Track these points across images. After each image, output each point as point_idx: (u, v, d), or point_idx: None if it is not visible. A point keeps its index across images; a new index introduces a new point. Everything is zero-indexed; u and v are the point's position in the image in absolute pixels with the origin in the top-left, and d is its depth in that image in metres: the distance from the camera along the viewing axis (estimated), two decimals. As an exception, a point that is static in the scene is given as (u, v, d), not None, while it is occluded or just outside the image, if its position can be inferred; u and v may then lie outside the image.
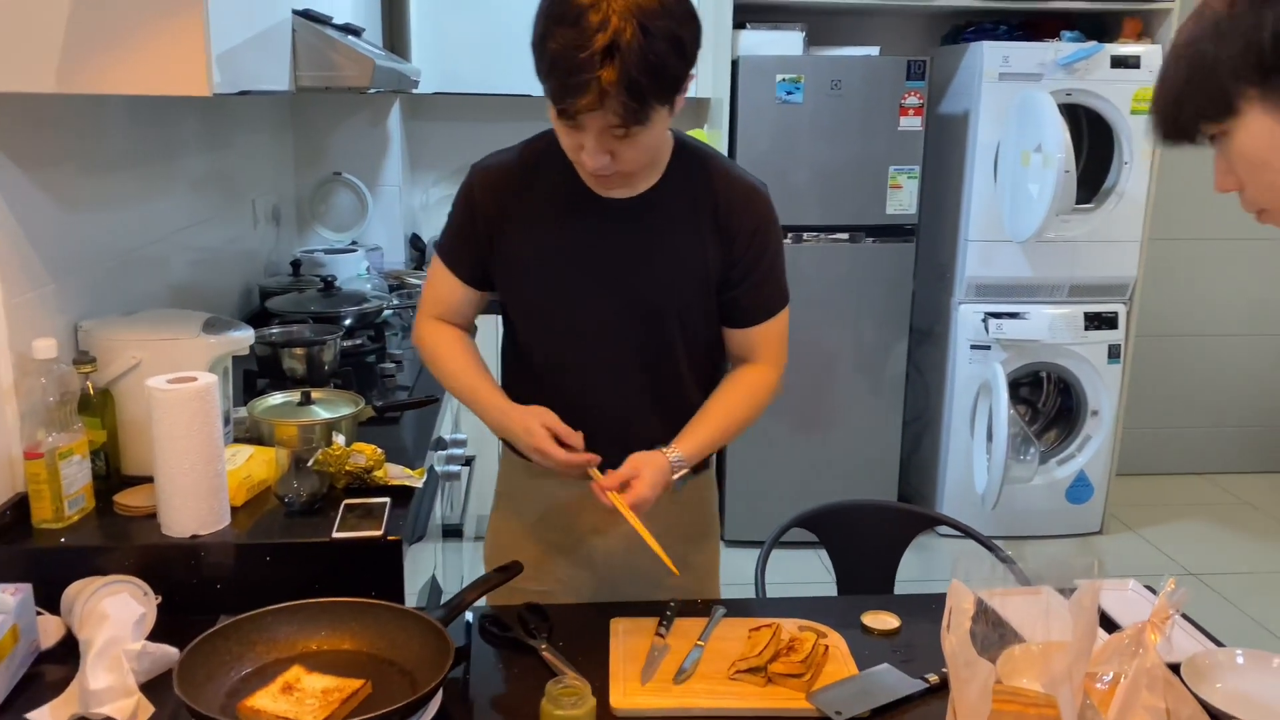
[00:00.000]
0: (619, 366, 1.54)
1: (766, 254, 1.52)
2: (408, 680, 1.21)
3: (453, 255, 1.57)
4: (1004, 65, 3.55)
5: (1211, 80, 0.88)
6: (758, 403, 1.59)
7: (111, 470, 1.69)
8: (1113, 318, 3.78)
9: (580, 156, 1.36)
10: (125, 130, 2.06)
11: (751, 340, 1.58)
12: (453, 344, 1.60)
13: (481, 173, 1.54)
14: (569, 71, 1.24)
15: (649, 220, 1.48)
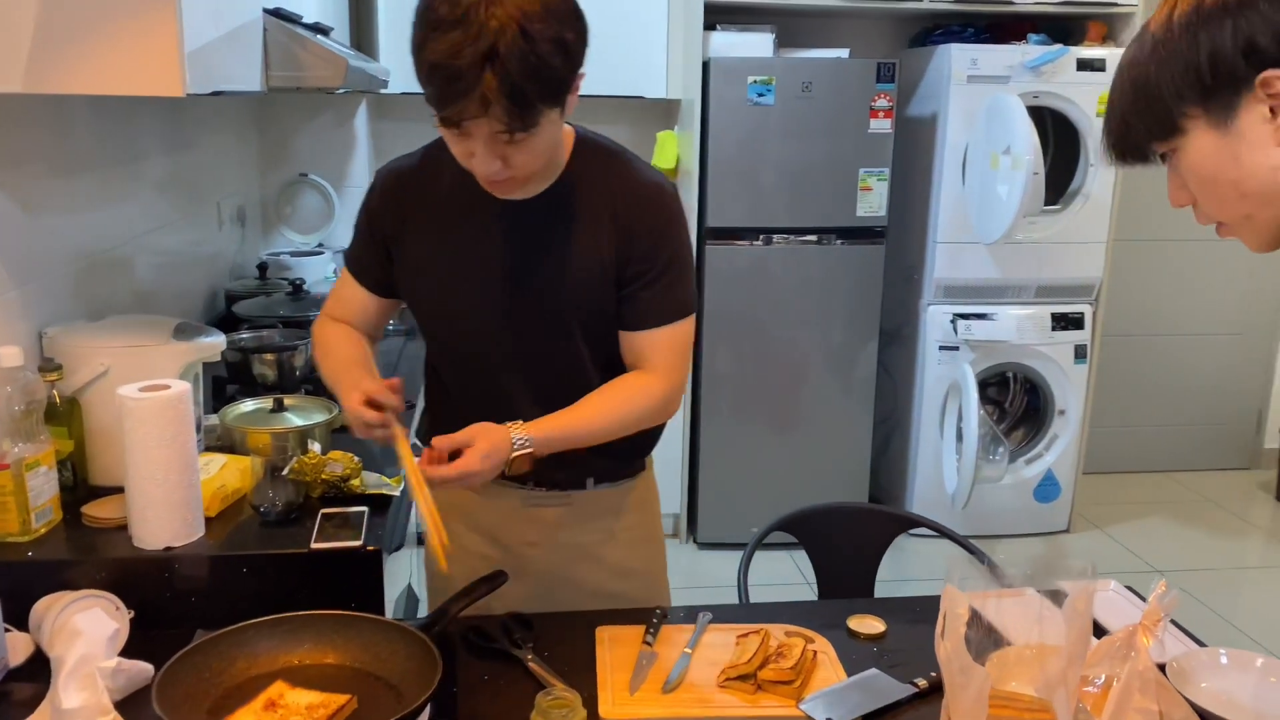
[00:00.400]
0: (524, 369, 1.50)
1: (665, 255, 1.45)
2: (394, 695, 1.18)
3: (356, 262, 1.56)
4: (972, 68, 3.57)
5: (1156, 102, 0.91)
6: (635, 409, 1.48)
7: (79, 481, 1.65)
8: (1079, 318, 3.82)
9: (471, 163, 1.33)
10: (89, 131, 2.01)
11: (642, 345, 1.48)
12: (339, 336, 1.56)
13: (383, 177, 1.52)
14: (448, 79, 1.20)
15: (547, 220, 1.45)
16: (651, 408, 1.50)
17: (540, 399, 1.50)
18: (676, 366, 1.50)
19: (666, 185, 1.48)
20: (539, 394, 1.50)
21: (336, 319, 1.59)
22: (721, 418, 3.79)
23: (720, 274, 3.67)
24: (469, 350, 1.52)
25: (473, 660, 1.38)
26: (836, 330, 3.76)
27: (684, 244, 1.49)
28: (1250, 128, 0.87)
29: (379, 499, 1.64)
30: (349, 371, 1.48)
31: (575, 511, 1.60)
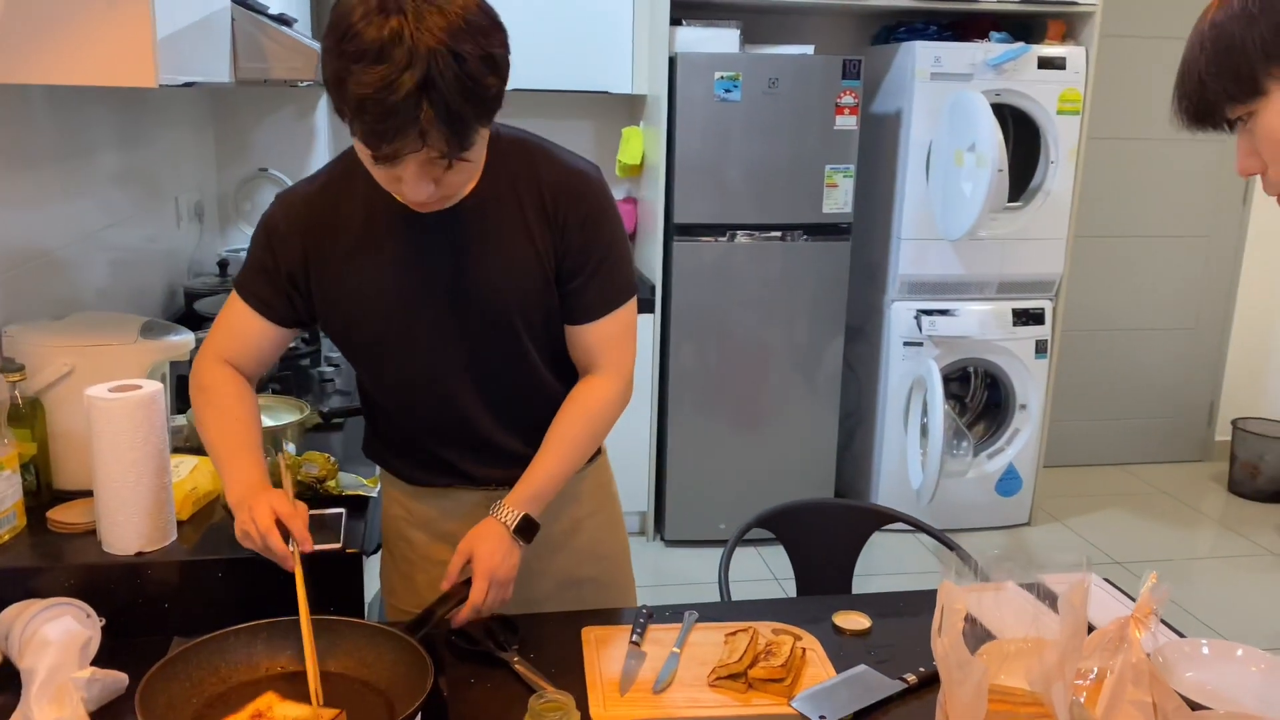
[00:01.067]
0: (474, 381, 1.45)
1: (599, 243, 1.41)
2: (383, 701, 1.16)
3: (253, 292, 1.42)
4: (935, 65, 3.60)
5: (1240, 63, 0.90)
6: (600, 423, 1.48)
7: (42, 485, 1.59)
8: (1040, 313, 3.87)
9: (398, 189, 1.25)
10: (45, 124, 1.95)
11: (591, 341, 1.46)
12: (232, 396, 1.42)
13: (285, 205, 1.41)
14: (381, 116, 1.11)
15: (474, 225, 1.37)
16: (614, 412, 1.49)
17: (492, 405, 1.48)
18: (625, 356, 1.49)
19: (591, 171, 1.43)
20: (490, 401, 1.47)
21: (224, 360, 1.44)
22: (688, 415, 3.78)
23: (686, 270, 3.66)
24: (413, 371, 1.44)
25: (457, 663, 1.36)
26: (802, 327, 3.77)
27: (617, 227, 1.45)
28: None
29: (355, 500, 1.61)
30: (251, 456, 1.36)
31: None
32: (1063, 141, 3.74)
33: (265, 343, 1.45)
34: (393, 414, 1.51)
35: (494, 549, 1.37)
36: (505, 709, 1.25)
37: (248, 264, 1.43)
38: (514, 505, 1.40)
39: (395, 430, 1.52)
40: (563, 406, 1.47)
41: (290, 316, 1.43)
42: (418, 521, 1.56)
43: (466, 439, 1.49)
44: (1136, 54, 4.34)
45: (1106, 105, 4.27)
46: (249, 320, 1.43)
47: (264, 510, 1.28)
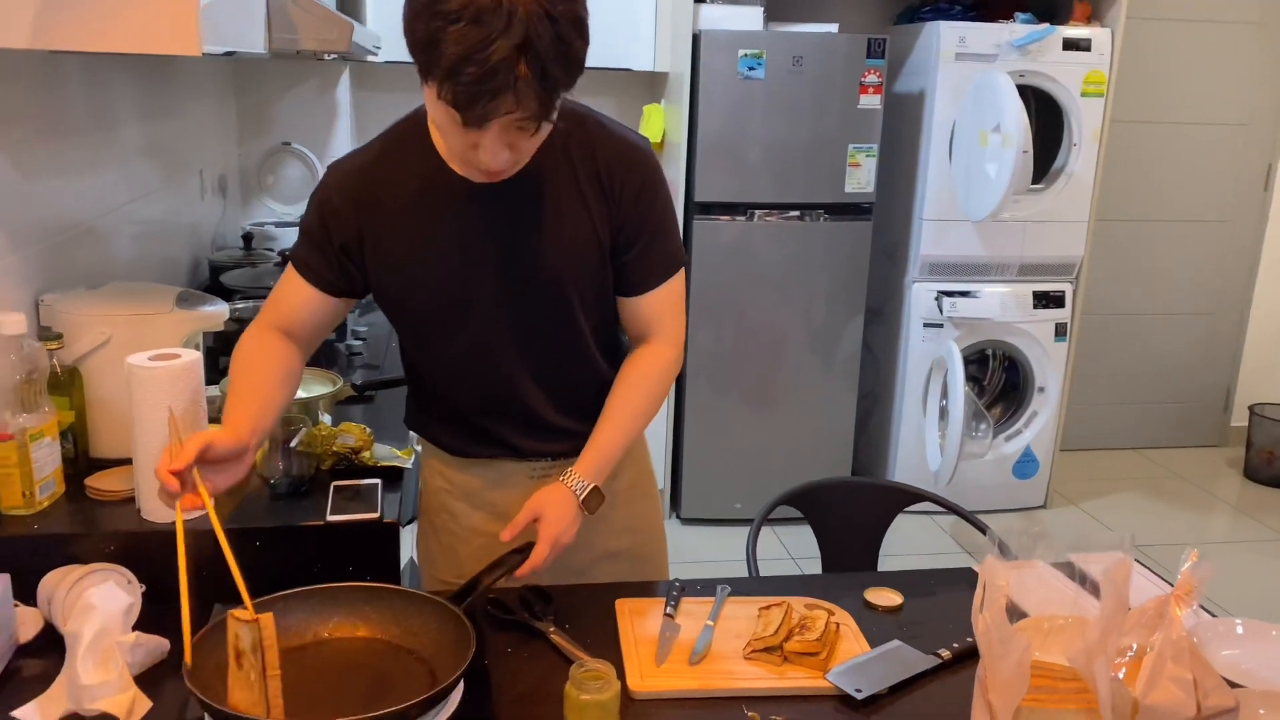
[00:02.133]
0: (523, 354, 1.45)
1: (654, 213, 1.42)
2: (426, 669, 1.16)
3: (306, 263, 1.42)
4: (960, 45, 3.57)
5: None
6: (659, 391, 1.50)
7: (79, 453, 1.60)
8: (1060, 296, 3.85)
9: (475, 156, 1.23)
10: (77, 94, 1.95)
11: (645, 310, 1.47)
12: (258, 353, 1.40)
13: (340, 175, 1.40)
14: (480, 77, 1.09)
15: (530, 198, 1.37)
16: (670, 379, 1.51)
17: (541, 379, 1.48)
18: (679, 323, 1.52)
19: (642, 142, 1.43)
20: (539, 374, 1.48)
21: (274, 327, 1.44)
22: (705, 394, 3.79)
23: (705, 249, 3.65)
24: (464, 343, 1.44)
25: (494, 633, 1.37)
26: (821, 307, 3.77)
27: (667, 198, 1.46)
28: None
29: (390, 471, 1.61)
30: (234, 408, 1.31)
31: None
32: (1086, 124, 3.71)
33: (318, 312, 1.45)
34: (440, 385, 1.51)
35: (562, 514, 1.38)
36: (544, 678, 1.26)
37: (301, 235, 1.44)
38: (584, 475, 1.42)
39: (441, 401, 1.53)
40: (620, 375, 1.49)
41: (343, 287, 1.43)
42: (460, 493, 1.57)
43: (514, 412, 1.49)
44: (1162, 37, 4.30)
45: (1130, 88, 4.24)
46: (302, 290, 1.43)
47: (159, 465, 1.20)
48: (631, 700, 1.25)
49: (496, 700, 1.21)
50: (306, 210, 1.43)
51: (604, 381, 1.50)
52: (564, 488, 1.41)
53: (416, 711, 1.04)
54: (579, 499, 1.40)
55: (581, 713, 1.14)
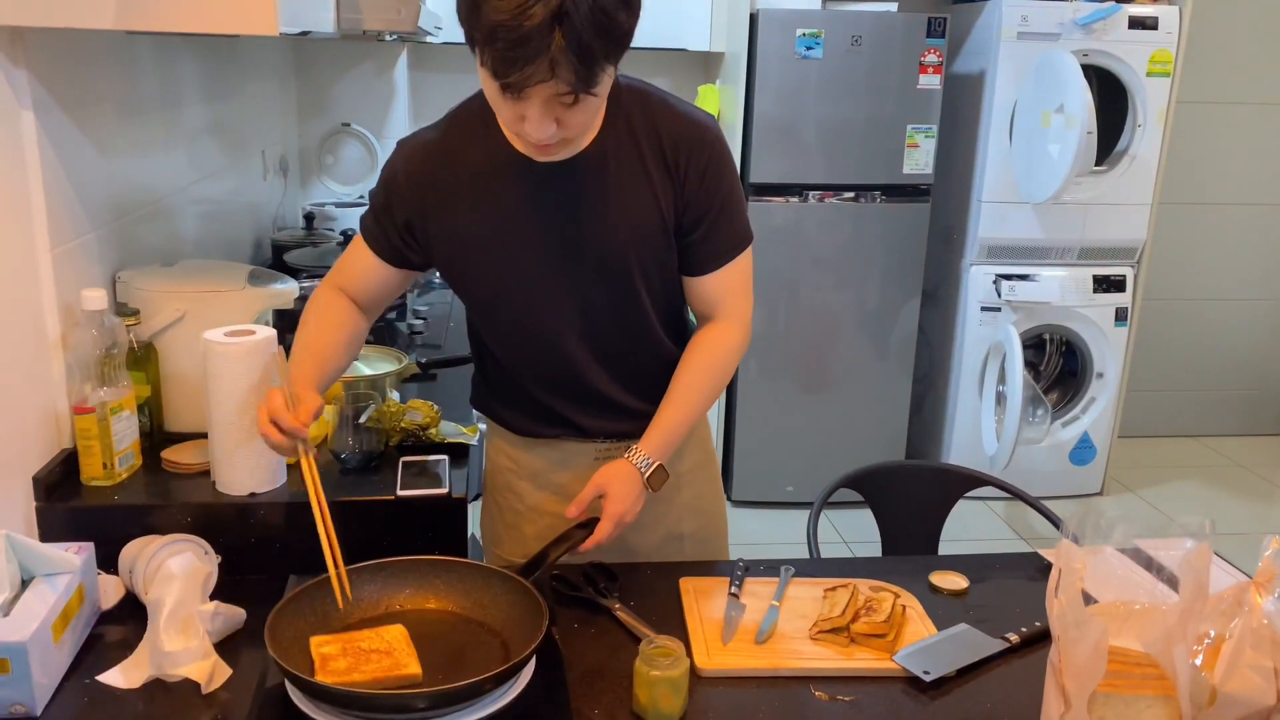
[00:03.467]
0: (587, 334, 1.46)
1: (720, 192, 1.42)
2: (499, 642, 1.18)
3: (372, 233, 1.46)
4: (1022, 24, 3.51)
5: None
6: (724, 371, 1.51)
7: (154, 427, 1.64)
8: (1121, 281, 3.78)
9: (522, 128, 1.24)
10: (150, 74, 1.98)
11: (711, 290, 1.48)
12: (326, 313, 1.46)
13: (407, 152, 1.42)
14: (515, 43, 1.11)
15: (594, 177, 1.37)
16: (735, 359, 1.51)
17: (605, 358, 1.48)
18: (746, 303, 1.52)
19: (709, 121, 1.42)
20: (603, 354, 1.48)
21: (341, 288, 1.49)
22: (757, 376, 3.78)
23: (761, 230, 3.60)
24: (528, 322, 1.46)
25: (560, 608, 1.38)
26: (876, 289, 3.73)
27: (735, 176, 1.45)
28: None
29: (456, 448, 1.63)
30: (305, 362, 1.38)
31: None
32: (1151, 104, 3.63)
33: (380, 281, 1.48)
34: (505, 363, 1.52)
35: (627, 492, 1.39)
36: (612, 653, 1.27)
37: (370, 205, 1.48)
38: (649, 452, 1.43)
39: (507, 379, 1.54)
40: (685, 355, 1.49)
41: (402, 259, 1.46)
42: (525, 473, 1.58)
43: (578, 390, 1.50)
44: (1230, 15, 4.18)
45: (1197, 68, 4.13)
46: (365, 257, 1.47)
47: (260, 414, 1.28)
48: (699, 678, 1.25)
49: (566, 674, 1.22)
50: (377, 183, 1.46)
51: (669, 361, 1.50)
52: (629, 465, 1.41)
53: (493, 684, 1.06)
54: (644, 476, 1.41)
55: (651, 688, 1.15)
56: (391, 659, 1.13)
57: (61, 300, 1.51)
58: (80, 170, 1.59)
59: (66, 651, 1.23)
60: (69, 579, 1.23)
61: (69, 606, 1.22)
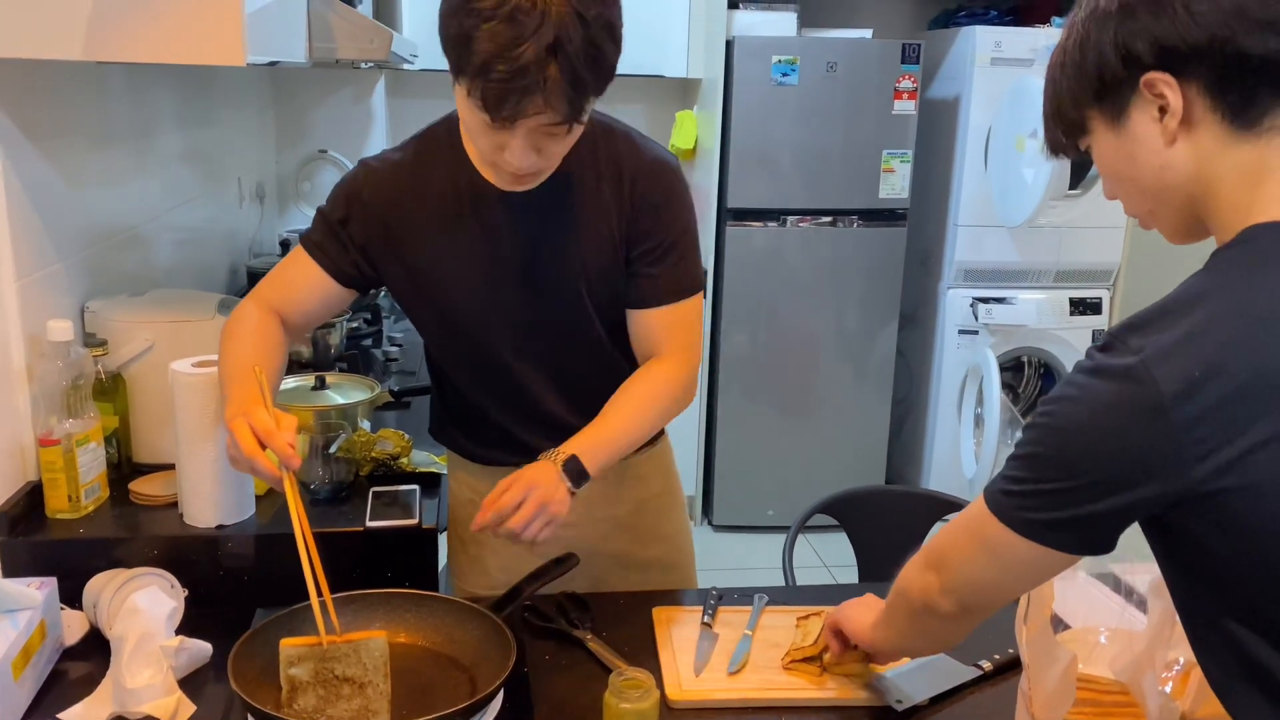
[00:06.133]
0: (546, 361, 1.45)
1: (674, 228, 1.40)
2: (466, 677, 1.17)
3: (323, 249, 1.40)
4: (996, 50, 3.55)
5: (1063, 102, 0.95)
6: (664, 402, 1.43)
7: (122, 458, 1.63)
8: (1097, 303, 3.81)
9: (502, 158, 1.23)
10: (121, 103, 1.98)
11: (654, 325, 1.43)
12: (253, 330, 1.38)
13: (371, 173, 1.40)
14: (511, 75, 1.10)
15: (557, 207, 1.37)
16: (677, 397, 1.45)
17: (563, 387, 1.48)
18: (692, 347, 1.46)
19: (671, 160, 1.43)
20: (561, 383, 1.48)
21: (272, 306, 1.42)
22: (737, 400, 3.78)
23: (738, 255, 3.64)
24: (486, 349, 1.45)
25: (531, 640, 1.37)
26: (855, 313, 3.75)
27: (691, 220, 1.44)
28: (1141, 127, 0.90)
29: (427, 477, 1.62)
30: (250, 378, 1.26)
31: (606, 486, 1.57)
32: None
33: (320, 299, 1.43)
34: (463, 389, 1.52)
35: (545, 475, 1.30)
36: (583, 686, 1.26)
37: (319, 220, 1.42)
38: (563, 449, 1.34)
39: (466, 406, 1.53)
40: (626, 382, 1.43)
41: (353, 278, 1.42)
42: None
43: (536, 417, 1.49)
44: (1201, 39, 4.24)
45: (1169, 91, 4.18)
46: (310, 273, 1.41)
47: (244, 432, 1.18)
48: (670, 709, 1.24)
49: (535, 708, 1.21)
50: (331, 199, 1.42)
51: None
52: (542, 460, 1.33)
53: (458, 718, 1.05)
54: (557, 464, 1.31)
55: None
56: (363, 698, 1.11)
57: (27, 331, 1.49)
58: (48, 201, 1.58)
59: (27, 689, 1.21)
60: (30, 615, 1.22)
61: (30, 643, 1.21)
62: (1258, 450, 0.78)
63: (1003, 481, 0.92)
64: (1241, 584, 0.83)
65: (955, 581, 1.00)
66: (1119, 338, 0.84)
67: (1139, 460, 0.81)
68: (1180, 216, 0.94)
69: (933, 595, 1.03)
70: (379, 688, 1.12)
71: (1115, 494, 0.83)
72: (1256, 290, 0.82)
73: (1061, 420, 0.86)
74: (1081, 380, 0.85)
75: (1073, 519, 0.86)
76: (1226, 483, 0.79)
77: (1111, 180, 0.97)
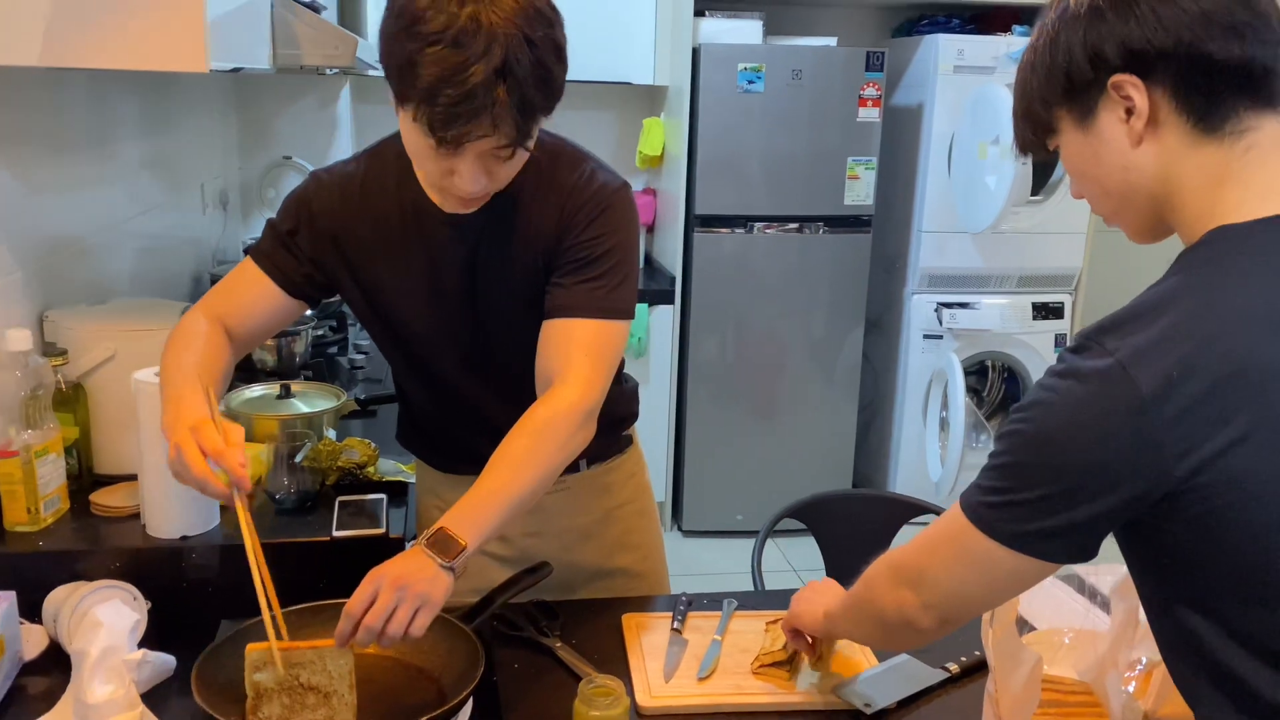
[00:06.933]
0: (492, 375, 1.45)
1: (604, 245, 1.33)
2: (435, 688, 1.16)
3: (274, 261, 1.38)
4: (959, 58, 3.59)
5: (1032, 101, 0.96)
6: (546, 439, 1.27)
7: (83, 469, 1.60)
8: (1059, 308, 3.86)
9: (451, 182, 1.21)
10: (80, 110, 1.95)
11: (563, 337, 1.32)
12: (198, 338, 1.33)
13: (320, 185, 1.38)
14: (458, 100, 1.08)
15: (498, 229, 1.35)
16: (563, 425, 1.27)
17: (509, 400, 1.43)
18: (598, 374, 1.31)
19: (616, 185, 1.37)
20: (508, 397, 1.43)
21: (219, 318, 1.38)
22: (706, 406, 3.79)
23: (706, 262, 3.66)
24: (434, 363, 1.45)
25: (501, 648, 1.37)
26: (821, 319, 3.77)
27: (626, 244, 1.36)
28: (1108, 128, 0.91)
29: (395, 486, 1.61)
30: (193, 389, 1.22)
31: (572, 495, 1.57)
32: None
33: (269, 311, 1.41)
34: (420, 401, 1.52)
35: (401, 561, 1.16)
36: (552, 694, 1.26)
37: (269, 231, 1.41)
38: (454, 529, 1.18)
39: (425, 416, 1.54)
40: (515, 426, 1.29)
41: (303, 291, 1.41)
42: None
43: (488, 429, 1.46)
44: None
45: (1127, 99, 4.25)
46: (259, 285, 1.39)
47: (194, 453, 1.13)
48: (640, 716, 1.25)
49: (505, 717, 1.21)
50: (281, 210, 1.41)
51: None
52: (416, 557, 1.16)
53: (428, 728, 1.04)
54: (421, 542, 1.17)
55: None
56: (328, 708, 1.10)
57: (-16, 341, 1.47)
58: (5, 208, 1.55)
59: (-15, 706, 1.19)
60: (-12, 630, 1.19)
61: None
62: (1236, 445, 0.79)
63: (981, 493, 0.91)
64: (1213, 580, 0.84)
65: (936, 597, 0.99)
66: (1092, 339, 0.85)
67: (1122, 462, 0.81)
68: (1143, 217, 0.95)
69: (912, 611, 1.01)
70: (344, 698, 1.11)
71: (1099, 497, 0.83)
72: (1228, 289, 0.83)
73: (1039, 426, 0.86)
74: (1056, 384, 0.85)
75: (1058, 528, 0.86)
76: (1206, 479, 0.80)
77: (1078, 179, 0.98)
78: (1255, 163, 0.88)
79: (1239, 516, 0.81)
